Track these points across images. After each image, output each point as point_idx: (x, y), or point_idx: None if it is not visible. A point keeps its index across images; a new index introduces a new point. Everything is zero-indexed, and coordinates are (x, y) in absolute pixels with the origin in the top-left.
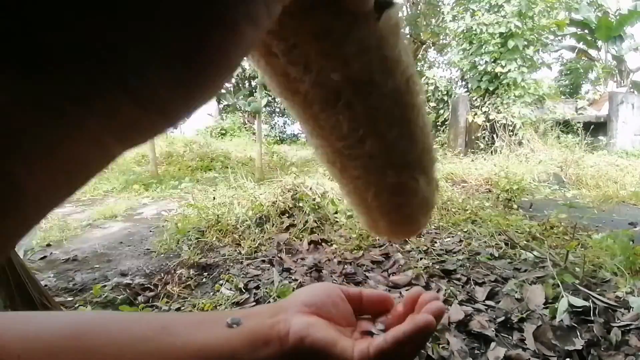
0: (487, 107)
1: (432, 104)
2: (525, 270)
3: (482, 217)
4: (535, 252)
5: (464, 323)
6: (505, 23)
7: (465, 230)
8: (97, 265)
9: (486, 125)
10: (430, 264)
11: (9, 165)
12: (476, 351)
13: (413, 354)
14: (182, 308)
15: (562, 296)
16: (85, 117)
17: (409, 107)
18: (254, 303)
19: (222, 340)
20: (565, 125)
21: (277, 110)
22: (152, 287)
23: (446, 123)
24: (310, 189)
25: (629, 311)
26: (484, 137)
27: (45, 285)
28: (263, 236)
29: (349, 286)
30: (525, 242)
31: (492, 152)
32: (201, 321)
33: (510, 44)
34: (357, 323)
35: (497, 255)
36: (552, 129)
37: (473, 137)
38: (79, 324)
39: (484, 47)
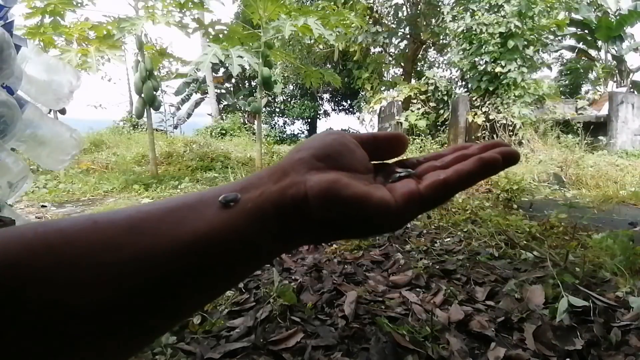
0: (487, 107)
1: (432, 104)
2: (525, 270)
3: (482, 217)
4: (535, 252)
5: (464, 323)
6: (505, 23)
7: (465, 230)
8: None
9: (486, 125)
10: (430, 264)
11: None
12: (476, 351)
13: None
14: None
15: (562, 296)
16: None
17: None
18: (254, 303)
19: (219, 225)
20: (565, 125)
21: (277, 110)
22: None
23: (446, 123)
24: None
25: (629, 311)
26: (484, 137)
27: None
28: None
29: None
30: (525, 242)
31: None
32: (184, 206)
33: (510, 44)
34: (376, 171)
35: (497, 255)
36: (552, 129)
37: (473, 137)
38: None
39: (484, 47)
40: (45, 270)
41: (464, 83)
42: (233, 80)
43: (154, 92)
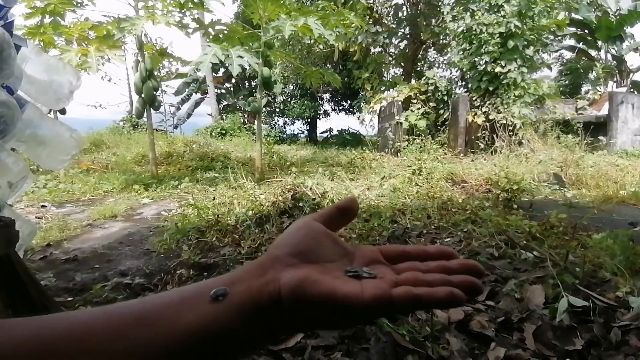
0: (487, 107)
1: (432, 104)
2: (525, 270)
3: (482, 217)
4: (535, 252)
5: (464, 323)
6: (505, 23)
7: (465, 230)
8: (97, 265)
9: (486, 125)
10: None
11: None
12: (476, 351)
13: None
14: None
15: (562, 296)
16: None
17: None
18: None
19: (208, 319)
20: (565, 125)
21: (277, 110)
22: (152, 287)
23: (446, 123)
24: (310, 189)
25: (629, 311)
26: (484, 137)
27: (45, 285)
28: (263, 236)
29: (389, 245)
30: (525, 242)
31: (492, 152)
32: (181, 300)
33: (510, 44)
34: (358, 251)
35: (497, 255)
36: (552, 129)
37: (473, 137)
38: (40, 339)
39: (484, 47)
40: (70, 356)
41: (464, 83)
42: (233, 80)
43: (154, 92)
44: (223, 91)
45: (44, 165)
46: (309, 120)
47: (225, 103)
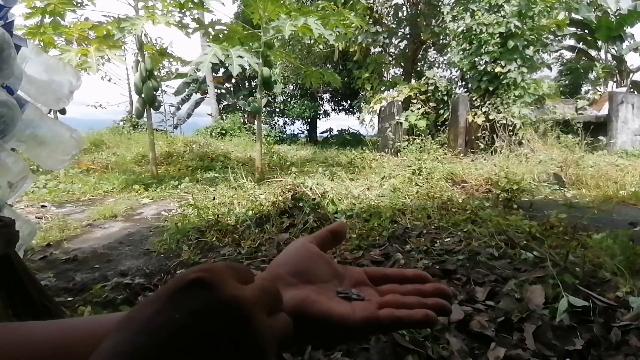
0: (487, 107)
1: (432, 104)
2: (525, 270)
3: (482, 217)
4: (535, 252)
5: (464, 323)
6: (505, 23)
7: (465, 230)
8: (97, 265)
9: (486, 125)
10: (430, 264)
11: None
12: (476, 351)
13: None
14: None
15: (562, 296)
16: None
17: None
18: None
19: None
20: (565, 125)
21: (277, 110)
22: (152, 287)
23: (446, 123)
24: (310, 189)
25: (629, 311)
26: (484, 137)
27: (45, 285)
28: (263, 236)
29: (372, 268)
30: (525, 242)
31: (492, 152)
32: None
33: (510, 44)
34: (347, 272)
35: (497, 255)
36: (552, 129)
37: (473, 137)
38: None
39: (484, 47)
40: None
41: (464, 83)
42: (233, 80)
43: (154, 92)
44: (223, 91)
45: (44, 165)
46: (309, 120)
47: (225, 103)
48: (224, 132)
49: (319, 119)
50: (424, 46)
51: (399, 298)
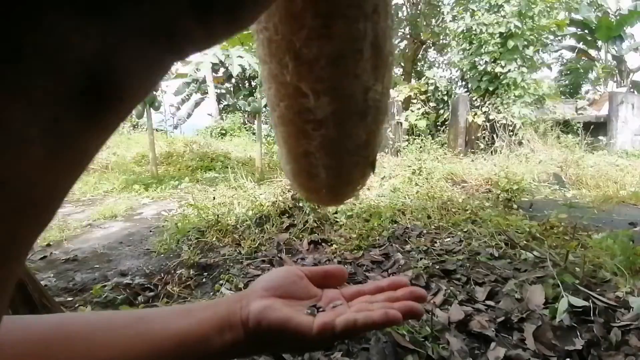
0: (487, 107)
1: (432, 104)
2: (525, 270)
3: (482, 217)
4: (535, 252)
5: (464, 323)
6: (505, 23)
7: (465, 230)
8: (97, 265)
9: (486, 125)
10: (430, 264)
11: None
12: (476, 351)
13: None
14: None
15: (562, 296)
16: None
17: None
18: None
19: (194, 326)
20: (565, 125)
21: None
22: (152, 287)
23: (446, 123)
24: None
25: (629, 311)
26: (484, 137)
27: (45, 285)
28: (263, 236)
29: (348, 286)
30: (525, 242)
31: (492, 152)
32: (174, 311)
33: (510, 44)
34: (323, 293)
35: (497, 255)
36: (552, 129)
37: (473, 137)
38: (64, 324)
39: (484, 47)
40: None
41: (464, 83)
42: (233, 80)
43: (154, 92)
44: (223, 91)
45: None
46: None
47: (225, 103)
48: (224, 132)
49: None
50: (424, 46)
51: (365, 306)
